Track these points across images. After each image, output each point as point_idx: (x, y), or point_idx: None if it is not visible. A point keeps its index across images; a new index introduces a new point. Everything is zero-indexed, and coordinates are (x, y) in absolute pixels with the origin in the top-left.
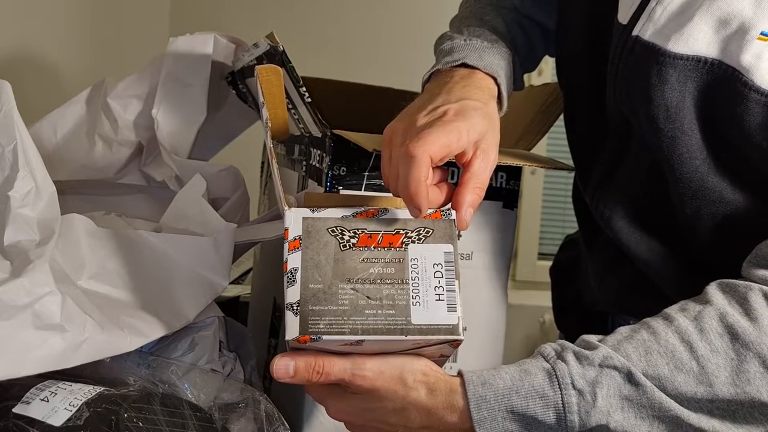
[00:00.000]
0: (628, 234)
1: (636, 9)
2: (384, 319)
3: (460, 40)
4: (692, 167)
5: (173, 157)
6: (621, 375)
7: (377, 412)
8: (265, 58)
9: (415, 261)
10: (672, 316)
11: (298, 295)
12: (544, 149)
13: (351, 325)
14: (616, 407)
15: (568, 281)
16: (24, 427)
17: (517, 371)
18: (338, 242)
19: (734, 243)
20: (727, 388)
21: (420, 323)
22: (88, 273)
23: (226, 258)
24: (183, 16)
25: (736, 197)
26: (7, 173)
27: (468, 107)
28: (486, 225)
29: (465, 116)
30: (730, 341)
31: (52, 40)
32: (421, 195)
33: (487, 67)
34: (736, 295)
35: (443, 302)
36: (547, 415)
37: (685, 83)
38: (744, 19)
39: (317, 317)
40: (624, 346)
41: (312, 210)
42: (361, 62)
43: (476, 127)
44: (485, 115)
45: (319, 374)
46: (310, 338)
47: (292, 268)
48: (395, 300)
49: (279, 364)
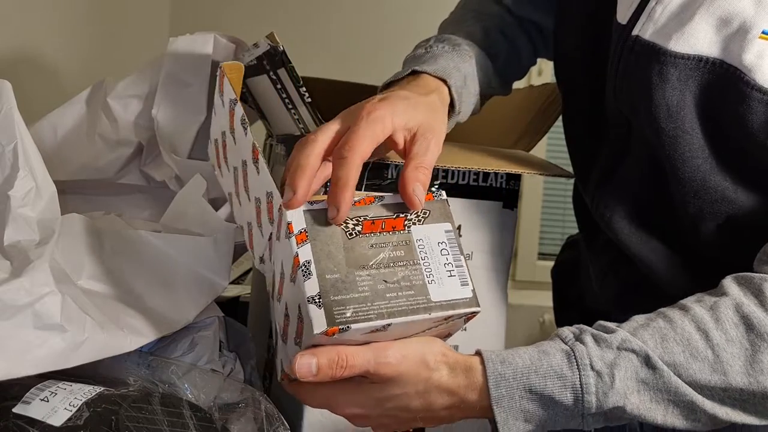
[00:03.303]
0: (628, 234)
1: (635, 9)
2: (406, 300)
3: (421, 50)
4: (694, 166)
5: (173, 157)
6: (639, 358)
7: (399, 399)
8: (265, 58)
9: (420, 241)
10: (688, 306)
11: (318, 287)
12: (544, 149)
13: (376, 311)
14: (632, 390)
15: (570, 282)
16: (24, 427)
17: (535, 351)
18: (344, 231)
19: (736, 242)
20: (741, 377)
21: (439, 300)
22: (88, 273)
23: (226, 258)
24: (183, 16)
25: (738, 196)
26: (7, 173)
27: (393, 97)
28: (486, 225)
29: (388, 104)
30: (745, 331)
31: (52, 40)
32: (342, 192)
33: (438, 71)
34: (752, 287)
35: (455, 277)
36: (565, 395)
37: (687, 82)
38: (745, 18)
39: (341, 307)
40: (640, 333)
41: (311, 203)
42: (361, 62)
43: (403, 113)
44: (418, 104)
45: (343, 368)
46: (339, 329)
47: (305, 261)
48: (411, 281)
49: (301, 363)
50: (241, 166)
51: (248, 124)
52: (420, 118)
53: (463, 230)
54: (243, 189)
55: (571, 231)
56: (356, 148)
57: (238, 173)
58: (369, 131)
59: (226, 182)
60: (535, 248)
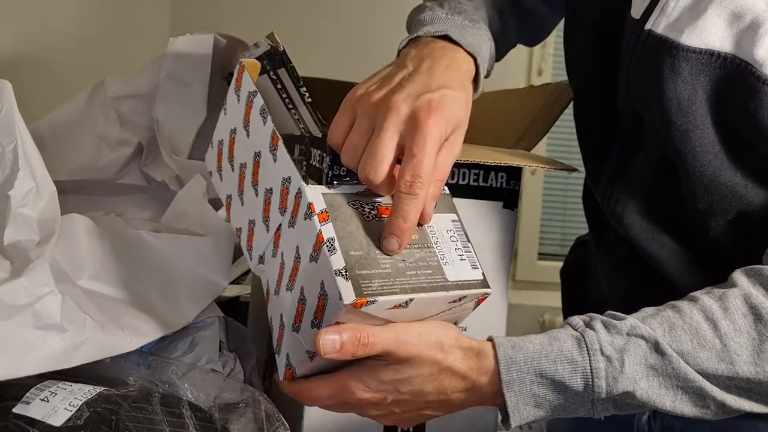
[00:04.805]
0: (639, 230)
1: (649, 3)
2: (425, 278)
3: (441, 13)
4: (704, 161)
5: (173, 157)
6: (648, 344)
7: (414, 381)
8: (265, 58)
9: (431, 227)
10: (697, 297)
11: (343, 262)
12: (544, 149)
13: (400, 285)
14: (642, 375)
15: (578, 282)
16: (24, 427)
17: (546, 337)
18: (361, 214)
19: (746, 238)
20: (748, 367)
21: (455, 280)
22: (88, 273)
23: (226, 258)
24: (183, 16)
25: (748, 192)
26: (7, 173)
27: (447, 99)
28: (486, 225)
29: (442, 111)
30: (753, 321)
31: (52, 40)
32: (410, 230)
33: (469, 46)
34: (761, 279)
35: (466, 261)
36: (575, 380)
37: (698, 77)
38: (757, 13)
39: (367, 281)
40: (649, 321)
41: (328, 186)
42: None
43: (450, 121)
44: (463, 103)
45: (365, 346)
46: (367, 301)
47: (329, 238)
48: (428, 261)
49: (325, 338)
50: (252, 159)
51: (268, 113)
52: (459, 122)
53: (463, 223)
54: (250, 185)
55: (571, 231)
56: (426, 185)
57: (246, 169)
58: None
59: (226, 184)
60: (535, 248)
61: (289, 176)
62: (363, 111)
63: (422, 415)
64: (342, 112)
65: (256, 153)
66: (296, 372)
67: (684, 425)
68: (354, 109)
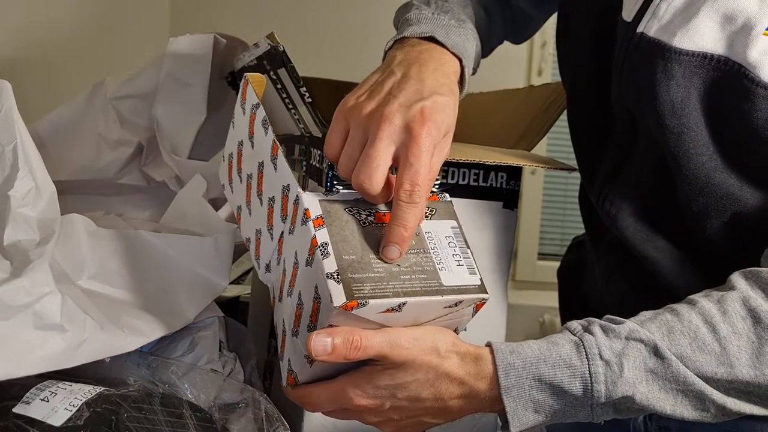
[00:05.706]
0: (634, 232)
1: (640, 6)
2: (419, 282)
3: (427, 12)
4: (698, 163)
5: (173, 157)
6: (647, 348)
7: (410, 387)
8: (265, 58)
9: (429, 234)
10: (695, 300)
11: (336, 265)
12: (544, 149)
13: (392, 289)
14: (641, 379)
15: (575, 283)
16: (24, 427)
17: (544, 342)
18: (357, 220)
19: (741, 239)
20: (747, 370)
21: (450, 284)
22: (88, 273)
23: (226, 258)
24: (183, 16)
25: (743, 193)
26: (7, 173)
27: (438, 105)
28: (486, 225)
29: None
30: (752, 324)
31: (52, 41)
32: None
33: (455, 47)
34: (759, 281)
35: (464, 267)
36: (574, 384)
37: (691, 79)
38: (749, 15)
39: (359, 284)
40: (647, 325)
41: (326, 193)
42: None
43: (441, 128)
44: (452, 108)
45: (358, 349)
46: (358, 303)
47: (322, 242)
48: (423, 266)
49: (316, 341)
50: (256, 170)
51: (269, 124)
52: (449, 127)
53: (464, 230)
54: (256, 195)
55: (571, 231)
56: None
57: (252, 179)
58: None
59: (236, 195)
60: (535, 248)
61: (288, 184)
62: (356, 122)
63: (421, 423)
64: (335, 125)
65: (260, 163)
66: (298, 378)
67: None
68: (347, 121)
